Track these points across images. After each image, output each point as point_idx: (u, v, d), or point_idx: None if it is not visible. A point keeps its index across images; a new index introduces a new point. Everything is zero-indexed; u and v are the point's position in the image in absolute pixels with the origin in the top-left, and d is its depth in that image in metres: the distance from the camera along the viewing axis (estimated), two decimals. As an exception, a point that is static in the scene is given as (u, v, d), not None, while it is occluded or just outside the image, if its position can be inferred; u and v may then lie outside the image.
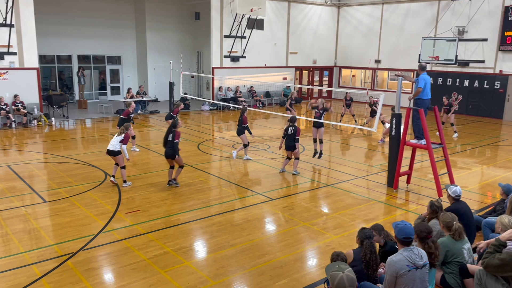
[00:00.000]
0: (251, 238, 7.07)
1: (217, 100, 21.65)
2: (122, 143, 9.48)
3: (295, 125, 10.55)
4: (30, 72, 16.87)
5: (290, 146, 10.54)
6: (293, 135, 10.43)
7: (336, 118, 19.32)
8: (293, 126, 10.51)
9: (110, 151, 9.41)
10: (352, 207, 8.63)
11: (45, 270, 5.89)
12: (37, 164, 11.36)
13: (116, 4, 22.93)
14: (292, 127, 10.50)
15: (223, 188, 9.75)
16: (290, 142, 10.51)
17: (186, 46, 24.75)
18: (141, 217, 7.85)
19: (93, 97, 23.51)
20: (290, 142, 10.52)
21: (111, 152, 9.40)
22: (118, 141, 9.43)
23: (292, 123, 10.58)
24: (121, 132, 9.52)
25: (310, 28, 26.15)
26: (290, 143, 10.51)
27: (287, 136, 10.54)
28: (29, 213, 7.95)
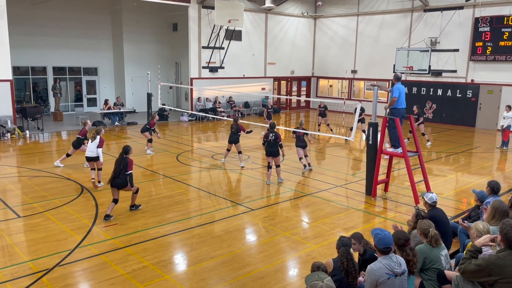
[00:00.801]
0: (232, 250, 7.02)
1: (196, 111, 21.58)
2: (98, 147, 10.04)
3: (275, 131, 10.70)
4: (3, 84, 16.47)
5: (272, 152, 10.67)
6: (274, 141, 10.61)
7: (314, 128, 19.51)
8: (273, 133, 10.66)
9: (89, 158, 10.07)
10: (331, 215, 8.69)
11: (20, 287, 5.71)
12: (11, 178, 11.04)
13: (92, 15, 22.70)
14: (272, 133, 10.65)
15: (202, 199, 9.68)
16: (273, 148, 10.65)
17: (164, 57, 24.66)
18: (119, 230, 7.70)
19: (69, 109, 23.09)
20: (272, 148, 10.65)
21: (90, 158, 10.06)
22: (94, 146, 10.02)
23: (272, 129, 10.72)
24: (93, 137, 10.09)
25: (288, 39, 26.46)
26: (273, 149, 10.65)
27: (267, 142, 10.69)
28: (2, 229, 7.69)
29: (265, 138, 10.77)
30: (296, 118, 24.65)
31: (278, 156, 10.73)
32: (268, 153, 10.74)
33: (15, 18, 18.05)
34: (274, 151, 10.65)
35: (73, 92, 23.65)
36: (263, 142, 10.87)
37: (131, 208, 8.74)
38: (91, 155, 10.08)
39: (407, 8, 22.83)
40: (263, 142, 10.87)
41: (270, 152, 10.70)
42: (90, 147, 10.14)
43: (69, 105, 23.26)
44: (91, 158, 10.12)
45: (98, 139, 10.15)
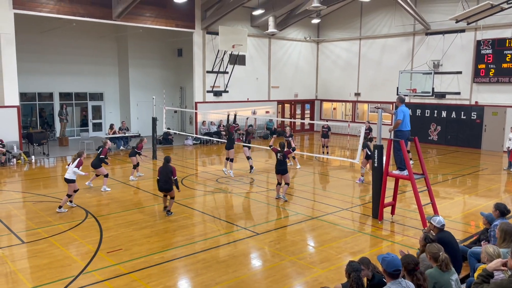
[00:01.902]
0: (237, 275, 6.91)
1: (200, 135, 21.67)
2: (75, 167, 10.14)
3: (283, 151, 11.04)
4: (10, 110, 16.67)
5: (280, 170, 11.04)
6: (283, 160, 11.02)
7: (319, 150, 19.50)
8: (282, 152, 11.03)
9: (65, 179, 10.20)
10: (338, 239, 8.57)
11: (22, 316, 5.61)
12: (16, 204, 11.03)
13: (98, 42, 23.14)
14: (281, 153, 11.03)
15: (207, 223, 9.60)
16: (281, 166, 11.04)
17: (169, 81, 24.97)
18: (123, 256, 7.62)
19: (75, 133, 23.26)
20: (280, 166, 11.04)
21: (68, 180, 10.15)
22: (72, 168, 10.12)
23: (282, 149, 11.09)
24: (74, 159, 10.23)
25: (291, 63, 26.78)
26: (281, 167, 11.03)
27: (277, 161, 11.10)
28: (6, 255, 7.63)
29: (274, 151, 11.35)
30: (301, 141, 24.69)
31: (286, 174, 11.05)
32: (277, 171, 11.18)
33: (23, 45, 18.42)
34: (282, 169, 11.03)
35: (79, 117, 23.88)
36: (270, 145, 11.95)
37: (168, 213, 9.91)
38: (68, 177, 10.12)
39: (409, 32, 23.12)
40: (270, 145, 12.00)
41: (278, 170, 11.12)
42: (69, 170, 10.17)
43: (75, 130, 23.45)
44: (69, 181, 10.15)
45: (77, 162, 10.20)
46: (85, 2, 17.88)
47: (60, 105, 21.87)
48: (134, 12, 19.02)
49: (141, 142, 14.16)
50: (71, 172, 10.13)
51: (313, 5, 19.08)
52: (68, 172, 10.18)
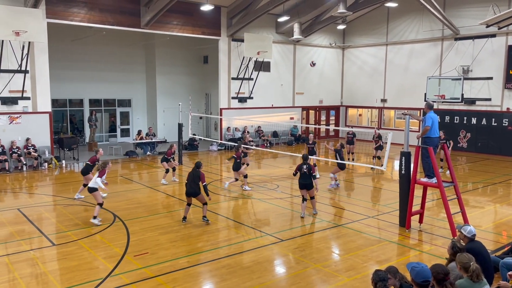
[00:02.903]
0: (262, 281, 6.90)
1: (225, 140, 21.83)
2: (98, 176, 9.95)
3: (308, 163, 10.43)
4: (43, 116, 17.25)
5: (306, 185, 10.31)
6: (308, 173, 10.26)
7: (344, 157, 19.29)
8: (307, 164, 10.34)
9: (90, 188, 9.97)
10: (364, 248, 8.44)
11: (52, 316, 5.76)
12: (47, 207, 11.38)
13: (127, 50, 23.71)
14: (306, 165, 10.33)
15: (231, 229, 9.64)
16: (306, 180, 10.30)
17: (194, 88, 25.30)
18: (150, 260, 7.73)
19: (103, 139, 23.83)
20: (305, 180, 10.30)
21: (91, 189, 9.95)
22: (96, 178, 9.94)
23: (305, 160, 10.45)
24: (98, 169, 10.12)
25: (316, 69, 26.70)
26: (306, 181, 10.30)
27: (301, 175, 10.33)
28: (38, 257, 7.87)
29: (298, 170, 10.40)
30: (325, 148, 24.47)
31: (312, 189, 10.38)
32: (301, 186, 10.37)
33: (56, 53, 19.04)
34: (308, 184, 10.27)
35: (107, 123, 24.47)
36: (294, 173, 10.54)
37: (204, 219, 9.76)
38: (91, 186, 9.94)
39: (437, 37, 22.68)
40: (294, 173, 10.53)
41: (303, 185, 10.32)
42: (93, 179, 10.05)
43: (104, 135, 24.03)
44: (91, 189, 9.93)
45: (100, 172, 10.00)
46: (115, 11, 18.39)
47: (90, 111, 22.49)
48: (161, 20, 19.42)
49: (171, 148, 14.40)
50: (93, 181, 9.96)
51: (339, 11, 19.01)
52: (91, 181, 10.08)
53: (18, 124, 16.64)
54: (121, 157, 19.61)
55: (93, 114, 22.01)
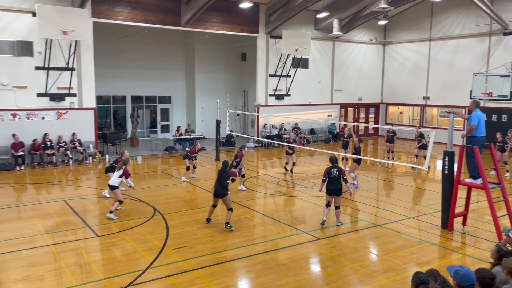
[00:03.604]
0: (298, 279, 6.88)
1: (262, 137, 21.89)
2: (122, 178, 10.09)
3: (338, 166, 9.52)
4: (88, 112, 17.96)
5: (336, 190, 9.28)
6: (338, 178, 9.30)
7: (383, 156, 18.88)
8: (337, 168, 9.37)
9: (109, 185, 10.14)
10: (403, 249, 8.23)
11: (96, 304, 6.02)
12: (91, 199, 11.86)
13: (167, 48, 24.24)
14: (335, 168, 9.34)
15: (267, 225, 9.67)
16: (336, 185, 9.28)
17: (232, 85, 25.52)
18: (188, 253, 7.90)
19: (144, 135, 24.52)
20: (335, 185, 9.28)
21: (109, 186, 10.14)
22: (117, 176, 10.06)
23: (334, 163, 9.46)
24: (119, 168, 10.18)
25: (355, 66, 26.23)
26: (336, 186, 9.27)
27: (330, 179, 9.30)
28: (82, 247, 8.23)
29: (327, 175, 9.29)
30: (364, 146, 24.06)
31: (340, 195, 9.38)
32: (330, 192, 9.32)
33: (100, 52, 19.74)
34: (338, 189, 9.28)
35: (148, 119, 25.15)
36: (324, 179, 9.33)
37: (226, 225, 9.17)
38: (111, 184, 10.07)
39: (484, 32, 21.68)
40: (324, 178, 9.32)
41: (332, 191, 9.29)
42: (113, 177, 10.13)
43: (144, 131, 24.72)
44: (112, 187, 10.06)
45: (122, 170, 10.08)
46: (157, 10, 18.83)
47: (132, 108, 23.20)
48: (201, 19, 19.69)
49: (194, 147, 14.45)
50: (115, 179, 10.04)
51: (380, 6, 18.55)
52: (112, 179, 10.11)
53: (65, 119, 17.41)
54: (160, 152, 20.10)
55: (135, 111, 22.69)
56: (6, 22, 15.81)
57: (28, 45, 16.26)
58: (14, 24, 15.94)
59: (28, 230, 9.14)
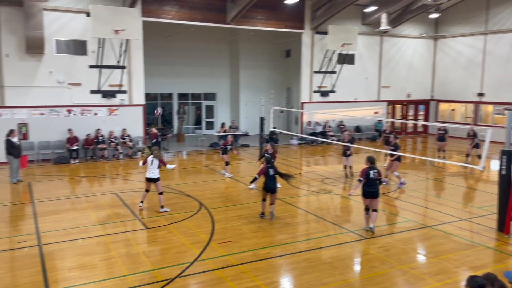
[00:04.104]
0: (344, 278, 6.77)
1: (305, 134, 21.71)
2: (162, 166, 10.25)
3: (376, 167, 8.83)
4: (137, 109, 18.59)
5: (373, 193, 8.69)
6: (376, 179, 8.71)
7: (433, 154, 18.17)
8: (375, 169, 8.73)
9: (151, 179, 10.16)
10: (456, 251, 7.88)
11: (145, 293, 6.22)
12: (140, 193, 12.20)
13: (213, 45, 24.56)
14: (374, 169, 8.71)
15: (311, 223, 9.58)
16: (373, 188, 8.68)
17: (276, 82, 25.47)
18: (233, 248, 7.98)
19: (190, 131, 25.04)
20: (372, 188, 8.68)
21: (152, 179, 10.16)
22: (156, 168, 10.16)
23: (372, 164, 8.82)
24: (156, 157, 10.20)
25: (404, 61, 25.38)
26: (373, 188, 8.68)
27: (368, 180, 8.69)
28: (134, 238, 8.53)
29: (365, 175, 8.72)
30: (413, 144, 23.29)
31: (378, 198, 8.79)
32: (367, 194, 8.73)
33: (149, 50, 20.32)
34: (375, 192, 8.69)
35: (193, 116, 25.66)
36: (361, 179, 8.74)
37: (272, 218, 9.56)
38: (153, 176, 10.13)
39: (546, 23, 20.28)
40: (361, 179, 8.74)
41: (370, 193, 8.70)
42: (152, 170, 10.15)
43: (190, 127, 25.25)
44: (153, 179, 10.16)
45: (158, 161, 10.19)
46: (203, 8, 19.12)
47: (178, 105, 23.77)
48: (246, 16, 19.79)
49: (226, 140, 14.66)
50: (156, 171, 10.12)
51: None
52: (153, 172, 10.10)
53: (116, 115, 18.11)
54: (205, 148, 20.45)
55: (181, 107, 23.22)
56: (63, 22, 16.65)
57: (83, 44, 17.05)
58: (70, 24, 16.76)
59: (82, 220, 9.61)
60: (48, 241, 8.29)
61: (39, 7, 15.41)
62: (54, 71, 16.68)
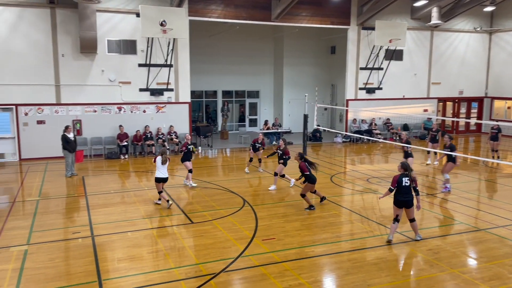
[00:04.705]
0: (391, 280, 6.60)
1: (350, 132, 21.32)
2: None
3: (411, 175, 7.99)
4: (183, 106, 19.02)
5: (405, 202, 7.91)
6: (409, 187, 7.92)
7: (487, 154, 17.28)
8: (409, 176, 7.94)
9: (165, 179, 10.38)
10: (511, 257, 7.46)
11: (192, 287, 6.37)
12: (186, 188, 12.55)
13: (257, 43, 24.65)
14: (407, 177, 7.94)
15: (356, 223, 9.40)
16: (406, 197, 7.89)
17: (320, 79, 25.17)
18: (276, 245, 8.00)
19: (233, 128, 25.31)
20: (405, 197, 7.89)
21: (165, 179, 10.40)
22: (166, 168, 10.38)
23: (406, 171, 8.02)
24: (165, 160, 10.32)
25: (456, 57, 24.28)
26: (407, 197, 7.90)
27: (401, 188, 7.93)
28: (180, 232, 8.76)
29: (396, 183, 7.93)
30: (464, 143, 22.27)
31: (411, 207, 7.98)
32: (399, 204, 7.95)
33: (194, 48, 20.74)
34: (408, 201, 7.91)
35: (237, 113, 25.90)
36: (392, 188, 7.99)
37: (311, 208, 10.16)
38: (163, 176, 10.30)
39: None
40: (392, 187, 7.99)
41: (402, 202, 7.91)
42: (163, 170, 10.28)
43: (234, 125, 25.51)
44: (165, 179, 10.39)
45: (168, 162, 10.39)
46: (248, 6, 19.23)
47: (222, 102, 24.08)
48: (291, 13, 19.69)
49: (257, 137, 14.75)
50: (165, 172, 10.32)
51: (487, -10, 16.89)
52: (163, 172, 10.27)
53: (163, 113, 18.63)
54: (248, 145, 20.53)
55: (225, 105, 23.51)
56: (114, 23, 17.33)
57: (132, 44, 17.67)
58: (121, 25, 17.41)
59: (131, 214, 9.99)
60: (100, 233, 8.69)
61: (92, 9, 16.14)
62: (105, 70, 17.42)
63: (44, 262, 7.26)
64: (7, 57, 16.07)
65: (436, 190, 12.12)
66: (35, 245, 8.06)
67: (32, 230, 8.84)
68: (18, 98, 16.40)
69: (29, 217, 9.72)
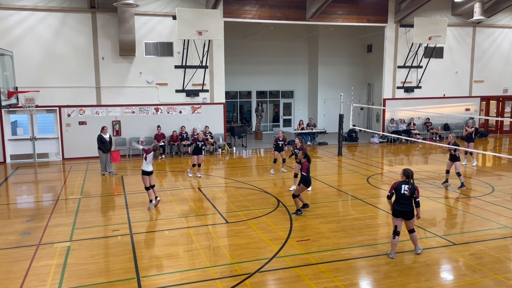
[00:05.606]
0: (430, 285, 6.38)
1: (387, 133, 20.82)
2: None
3: (412, 182, 7.37)
4: (218, 107, 19.21)
5: (405, 213, 7.25)
6: (409, 197, 7.27)
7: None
8: (409, 184, 7.31)
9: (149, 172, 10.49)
10: (562, 265, 7.04)
11: (227, 286, 6.41)
12: (220, 188, 12.68)
13: (291, 43, 24.54)
14: (408, 184, 7.32)
15: (395, 225, 9.13)
16: (406, 207, 7.25)
17: (356, 78, 24.75)
18: (311, 246, 7.92)
19: (267, 128, 25.32)
20: (403, 207, 7.25)
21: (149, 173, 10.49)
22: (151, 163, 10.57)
23: (408, 178, 7.38)
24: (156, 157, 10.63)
25: (500, 54, 23.25)
26: (406, 207, 7.25)
27: (399, 196, 7.32)
28: (215, 232, 8.85)
29: (394, 190, 7.38)
30: (509, 144, 21.26)
31: (412, 219, 7.34)
32: (397, 213, 7.30)
33: (229, 49, 20.91)
34: (408, 212, 7.25)
35: (271, 113, 25.90)
36: (390, 195, 7.42)
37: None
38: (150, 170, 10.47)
39: None
40: (390, 194, 7.42)
41: (400, 213, 7.26)
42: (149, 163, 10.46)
43: (268, 125, 25.52)
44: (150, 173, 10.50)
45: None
46: (282, 6, 19.19)
47: (257, 103, 24.14)
48: (326, 11, 19.47)
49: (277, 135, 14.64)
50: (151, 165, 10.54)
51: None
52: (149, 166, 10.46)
53: (198, 113, 18.90)
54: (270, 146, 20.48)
55: (259, 105, 23.55)
56: (152, 25, 17.75)
57: (169, 46, 18.03)
58: (158, 27, 17.81)
59: (168, 212, 10.18)
60: (138, 231, 8.91)
61: (131, 12, 16.60)
62: (143, 72, 17.87)
63: (85, 259, 7.52)
64: (52, 61, 16.80)
65: (478, 193, 11.62)
66: (77, 241, 8.36)
67: (74, 227, 9.19)
68: (61, 100, 17.11)
69: (71, 215, 10.11)
